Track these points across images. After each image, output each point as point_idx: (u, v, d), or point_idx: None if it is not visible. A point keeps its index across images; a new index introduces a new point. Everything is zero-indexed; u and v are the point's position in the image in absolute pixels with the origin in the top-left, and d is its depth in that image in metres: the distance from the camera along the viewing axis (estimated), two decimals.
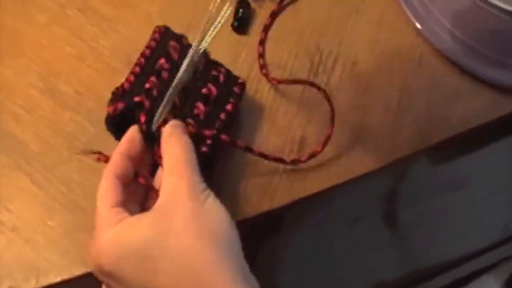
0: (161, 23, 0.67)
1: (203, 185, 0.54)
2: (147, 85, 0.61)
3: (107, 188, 0.56)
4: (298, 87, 0.71)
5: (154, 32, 0.66)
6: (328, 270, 0.65)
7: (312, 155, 0.67)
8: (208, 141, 0.60)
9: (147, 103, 0.60)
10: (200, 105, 0.62)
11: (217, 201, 0.53)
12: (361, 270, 0.66)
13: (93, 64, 0.72)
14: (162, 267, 0.49)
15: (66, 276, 0.62)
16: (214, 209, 0.52)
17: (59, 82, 0.71)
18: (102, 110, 0.62)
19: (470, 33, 0.74)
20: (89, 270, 0.62)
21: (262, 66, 0.72)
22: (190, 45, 0.63)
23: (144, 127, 0.59)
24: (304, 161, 0.67)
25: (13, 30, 0.74)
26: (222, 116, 0.64)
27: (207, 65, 0.65)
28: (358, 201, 0.67)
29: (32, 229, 0.64)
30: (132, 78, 0.62)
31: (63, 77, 0.72)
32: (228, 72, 0.67)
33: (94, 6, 0.76)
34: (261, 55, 0.73)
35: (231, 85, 0.67)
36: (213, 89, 0.64)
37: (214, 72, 0.65)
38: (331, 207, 0.67)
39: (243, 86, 0.67)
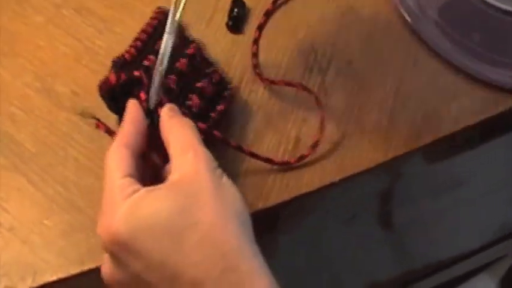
0: None
1: (216, 163, 0.53)
2: (146, 62, 0.61)
3: (117, 157, 0.54)
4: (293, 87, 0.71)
5: (156, 12, 0.66)
6: (323, 268, 0.65)
7: (301, 158, 0.67)
8: (201, 136, 0.60)
9: (145, 80, 0.59)
10: (195, 98, 0.62)
11: (230, 180, 0.53)
12: (356, 269, 0.66)
13: (90, 64, 0.72)
14: (187, 239, 0.48)
15: (62, 275, 0.62)
16: (230, 186, 0.52)
17: (55, 82, 0.71)
18: (99, 110, 0.62)
19: (466, 33, 0.74)
20: (85, 269, 0.62)
21: (256, 66, 0.73)
22: (188, 37, 0.63)
23: (144, 104, 0.58)
24: (293, 163, 0.67)
25: (9, 30, 0.75)
26: (213, 114, 0.64)
27: (202, 60, 0.66)
28: (354, 199, 0.68)
29: (28, 229, 0.64)
30: (133, 51, 0.62)
31: (60, 77, 0.72)
32: (222, 74, 0.67)
33: (90, 6, 0.76)
34: (255, 54, 0.74)
35: (223, 88, 0.67)
36: (208, 87, 0.64)
37: (208, 70, 0.66)
38: (326, 206, 0.67)
39: (232, 91, 0.68)
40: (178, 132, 0.56)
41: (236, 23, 0.75)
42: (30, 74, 0.72)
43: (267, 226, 0.66)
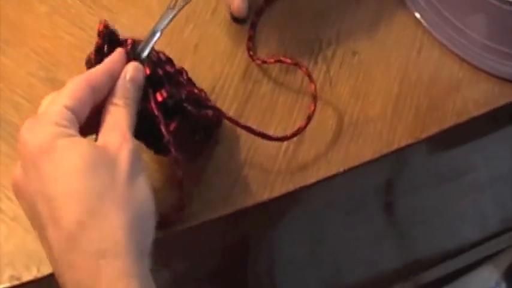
0: (161, 14, 0.67)
1: (140, 157, 0.53)
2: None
3: (74, 89, 0.53)
4: (298, 77, 0.71)
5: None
6: (326, 258, 0.65)
7: (297, 132, 0.66)
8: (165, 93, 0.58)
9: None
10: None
11: (148, 182, 0.52)
12: (359, 260, 0.66)
13: None
14: (86, 198, 0.48)
15: None
16: (145, 185, 0.51)
17: (59, 71, 0.71)
18: None
19: (470, 23, 0.74)
20: None
21: (250, 48, 0.73)
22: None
23: (129, 49, 0.58)
24: (289, 138, 0.66)
25: (13, 19, 0.75)
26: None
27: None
28: (358, 190, 0.68)
29: None
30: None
31: (64, 67, 0.72)
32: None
33: None
34: (251, 38, 0.73)
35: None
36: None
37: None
38: (330, 197, 0.67)
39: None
40: (118, 110, 0.54)
41: None
42: (34, 63, 0.72)
43: (272, 217, 0.66)
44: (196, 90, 0.63)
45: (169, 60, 0.64)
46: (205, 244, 0.64)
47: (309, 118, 0.67)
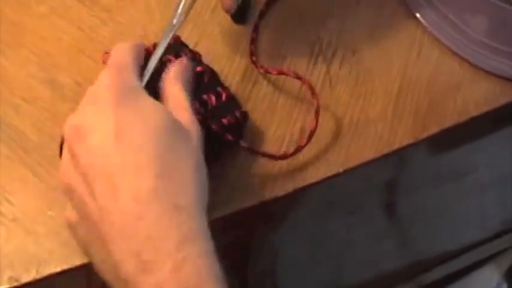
0: (160, 14, 0.67)
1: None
2: None
3: (134, 55, 0.57)
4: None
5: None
6: (327, 259, 0.65)
7: (298, 149, 0.66)
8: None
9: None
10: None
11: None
12: (360, 261, 0.66)
13: (93, 54, 0.72)
14: (159, 167, 0.50)
15: (66, 266, 0.62)
16: (205, 171, 0.54)
17: (58, 73, 0.71)
18: None
19: (471, 23, 0.74)
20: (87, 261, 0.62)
21: (253, 53, 0.72)
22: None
23: None
24: (291, 156, 0.66)
25: (13, 21, 0.74)
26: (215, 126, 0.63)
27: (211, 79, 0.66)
28: (358, 190, 0.67)
29: (32, 220, 0.64)
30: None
31: (63, 68, 0.72)
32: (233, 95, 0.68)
33: None
34: (253, 41, 0.73)
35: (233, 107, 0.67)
36: (211, 99, 0.64)
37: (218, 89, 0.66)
38: (331, 197, 0.67)
39: (244, 114, 0.67)
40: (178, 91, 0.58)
41: (240, 12, 0.75)
42: (34, 65, 0.72)
43: (272, 217, 0.66)
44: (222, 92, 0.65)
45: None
46: None
47: (311, 135, 0.66)
